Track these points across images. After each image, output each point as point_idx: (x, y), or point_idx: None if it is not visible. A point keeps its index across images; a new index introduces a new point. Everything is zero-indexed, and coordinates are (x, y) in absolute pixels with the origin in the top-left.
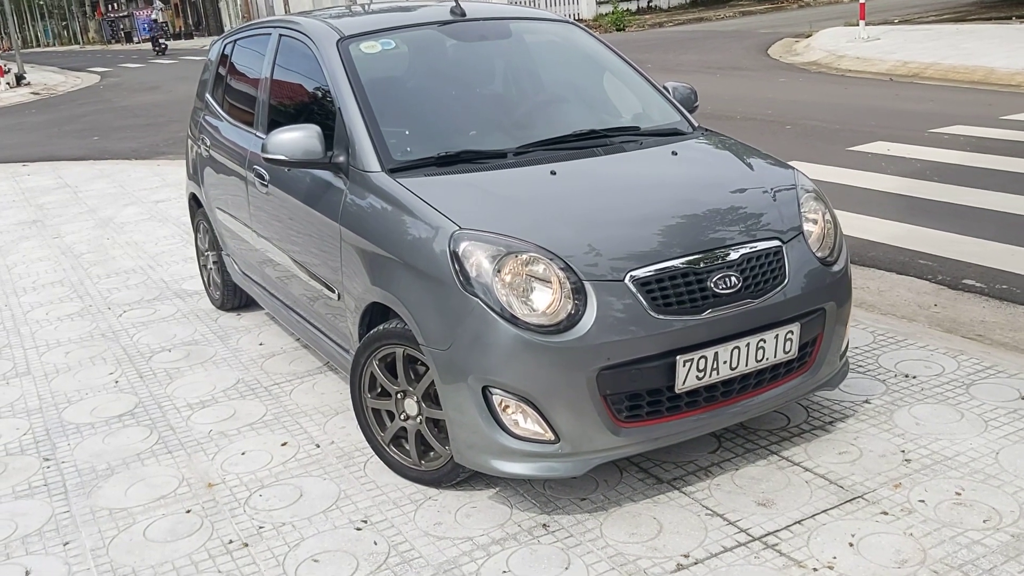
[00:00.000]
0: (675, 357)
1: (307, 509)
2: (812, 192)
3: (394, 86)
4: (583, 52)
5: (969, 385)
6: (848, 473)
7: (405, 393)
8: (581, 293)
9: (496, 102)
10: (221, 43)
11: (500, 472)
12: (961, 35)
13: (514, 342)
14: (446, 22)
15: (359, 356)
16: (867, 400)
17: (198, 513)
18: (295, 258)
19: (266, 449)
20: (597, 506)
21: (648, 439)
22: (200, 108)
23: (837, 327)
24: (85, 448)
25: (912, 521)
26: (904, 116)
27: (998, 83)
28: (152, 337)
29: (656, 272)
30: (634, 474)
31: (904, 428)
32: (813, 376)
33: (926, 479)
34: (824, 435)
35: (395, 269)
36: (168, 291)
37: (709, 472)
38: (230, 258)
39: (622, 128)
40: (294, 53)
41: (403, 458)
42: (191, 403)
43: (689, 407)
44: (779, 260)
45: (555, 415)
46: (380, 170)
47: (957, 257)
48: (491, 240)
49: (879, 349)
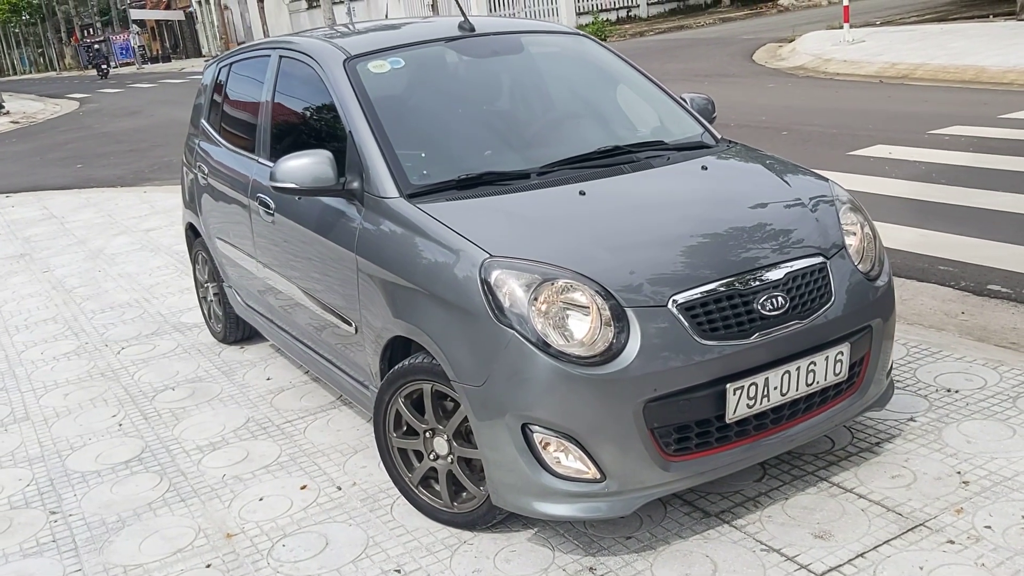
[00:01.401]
0: (725, 385)
1: (335, 559)
2: (849, 203)
3: (406, 107)
4: (597, 64)
5: (1016, 398)
6: (905, 499)
7: (434, 431)
8: (623, 320)
9: (514, 120)
10: (215, 67)
11: (542, 515)
12: (946, 35)
13: (555, 375)
14: (455, 38)
15: (383, 393)
16: (911, 418)
17: (219, 568)
18: (306, 289)
19: (285, 494)
20: (644, 545)
21: (698, 472)
22: (195, 134)
23: (884, 344)
24: (93, 499)
25: (982, 550)
26: (901, 118)
27: (990, 82)
28: (154, 375)
29: (701, 296)
30: (679, 507)
31: (956, 447)
32: (862, 397)
33: (988, 503)
34: (873, 457)
35: (420, 301)
36: (166, 325)
37: (758, 503)
38: (232, 289)
39: (647, 143)
40: (297, 75)
41: (434, 500)
42: (200, 446)
43: (739, 436)
44: (824, 277)
45: (600, 452)
46: (398, 195)
47: (978, 262)
48: (524, 268)
49: (915, 362)
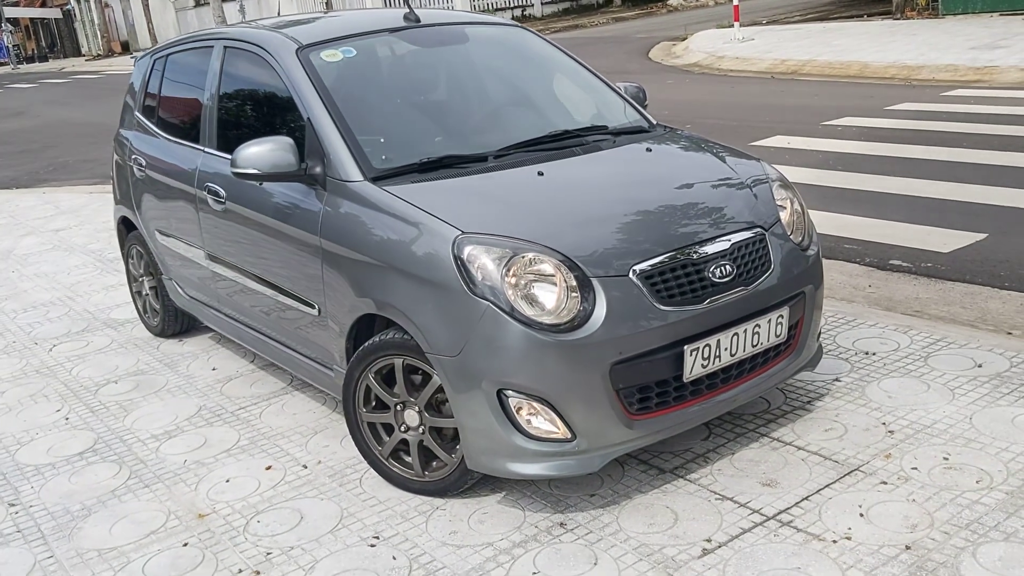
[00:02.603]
0: (683, 347)
1: (312, 531)
2: (779, 180)
3: (361, 94)
4: (538, 54)
5: (927, 357)
6: (839, 448)
7: (405, 404)
8: (589, 290)
9: (466, 107)
10: (150, 58)
11: (517, 474)
12: (829, 33)
13: (528, 342)
14: (402, 28)
15: (353, 370)
16: (837, 378)
17: (196, 545)
18: (261, 275)
19: (251, 474)
20: (609, 501)
21: (659, 430)
22: (127, 127)
23: (815, 310)
24: (52, 489)
25: (911, 488)
26: (795, 111)
27: (873, 76)
28: (92, 370)
29: (658, 264)
30: (636, 467)
31: (879, 402)
32: (797, 358)
33: (913, 448)
34: (806, 414)
35: (392, 278)
36: (96, 321)
37: (707, 458)
38: (172, 281)
39: (591, 128)
40: (245, 64)
41: (405, 471)
42: (155, 434)
43: (694, 395)
44: (764, 248)
45: (570, 412)
46: (362, 179)
47: (879, 240)
48: (495, 243)
49: (834, 330)
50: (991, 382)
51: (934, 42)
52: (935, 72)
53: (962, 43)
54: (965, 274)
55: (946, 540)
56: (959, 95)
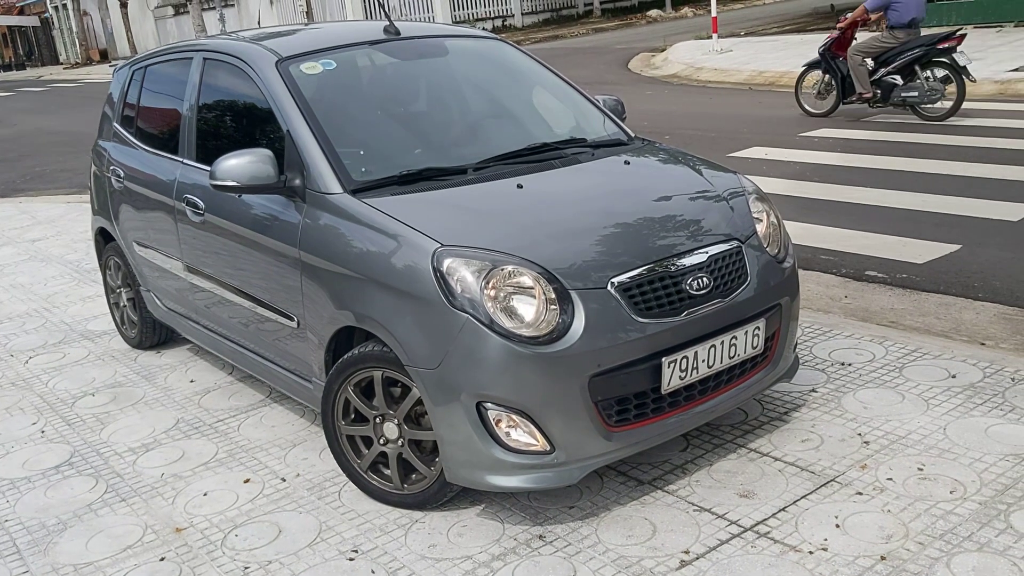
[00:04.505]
0: (661, 359)
1: (290, 544)
2: (755, 193)
3: (341, 106)
4: (517, 67)
5: (902, 368)
6: (815, 459)
7: (384, 417)
8: (568, 302)
9: (446, 119)
10: (128, 70)
11: (496, 487)
12: (806, 44)
13: (507, 355)
14: (381, 41)
15: (332, 383)
16: (813, 389)
17: (174, 560)
18: (239, 287)
19: (229, 488)
20: (587, 513)
21: (637, 441)
22: (105, 138)
23: (791, 322)
24: (27, 503)
25: (886, 498)
26: (772, 122)
27: None
28: (69, 382)
29: (636, 276)
30: (615, 478)
31: (854, 412)
32: (773, 369)
33: (888, 458)
34: (783, 425)
35: (371, 291)
36: (73, 333)
37: (685, 470)
38: (150, 293)
39: (570, 140)
40: (225, 76)
41: (383, 483)
42: (133, 447)
43: (671, 407)
44: (740, 260)
45: (550, 425)
46: (342, 191)
47: (855, 251)
48: (474, 255)
49: (811, 341)
50: (965, 392)
51: None
52: None
53: None
54: (940, 285)
55: (921, 550)
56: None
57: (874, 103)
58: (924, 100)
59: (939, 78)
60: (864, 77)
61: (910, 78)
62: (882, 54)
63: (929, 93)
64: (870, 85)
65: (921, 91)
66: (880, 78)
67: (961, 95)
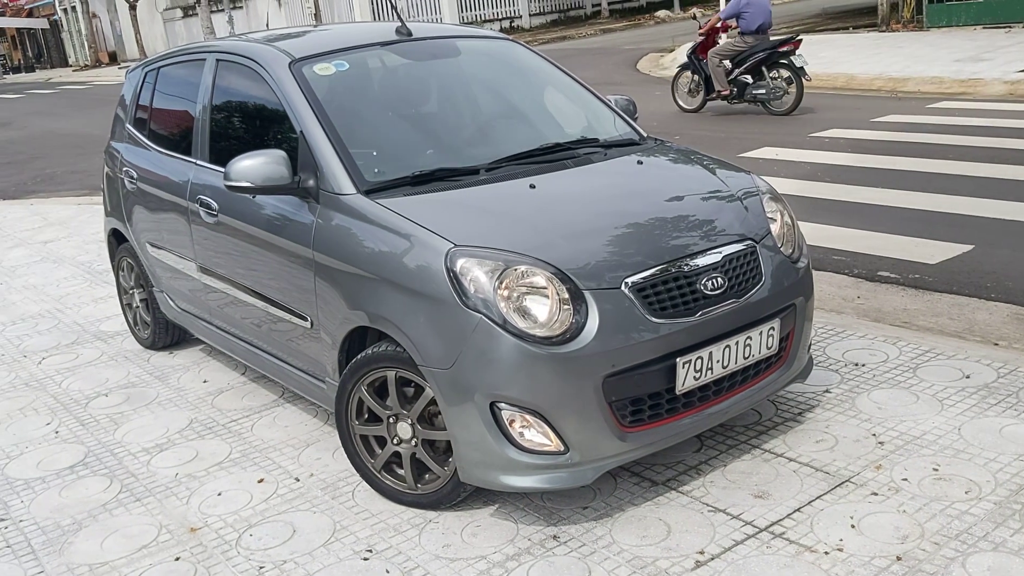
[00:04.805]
0: (675, 359)
1: (305, 544)
2: (769, 193)
3: (354, 107)
4: (529, 67)
5: (915, 368)
6: (830, 460)
7: (398, 417)
8: (581, 302)
9: (458, 120)
10: (141, 71)
11: (509, 487)
12: (815, 45)
13: (521, 355)
14: (394, 42)
15: (345, 383)
16: (827, 390)
17: (189, 560)
18: (253, 287)
19: (243, 488)
20: (601, 513)
21: (651, 442)
22: (118, 139)
23: (805, 322)
24: (42, 503)
25: (902, 499)
26: (782, 123)
27: (859, 88)
28: (82, 383)
29: (650, 277)
30: (628, 479)
31: (869, 413)
32: (788, 370)
33: (903, 459)
34: (797, 426)
35: (385, 291)
36: (86, 334)
37: (699, 471)
38: (163, 294)
39: (582, 140)
40: (238, 78)
41: (397, 483)
42: (147, 447)
43: (686, 407)
44: (755, 260)
45: (563, 425)
46: (355, 192)
47: (867, 251)
48: (487, 255)
49: (824, 342)
50: (979, 393)
51: (919, 54)
52: (921, 84)
53: (947, 56)
54: (953, 285)
55: (936, 551)
56: (944, 107)
57: (732, 100)
58: (771, 97)
59: (784, 78)
60: (722, 77)
61: (759, 78)
62: (736, 56)
63: (774, 91)
64: (728, 84)
65: (768, 89)
66: (735, 77)
67: (800, 92)
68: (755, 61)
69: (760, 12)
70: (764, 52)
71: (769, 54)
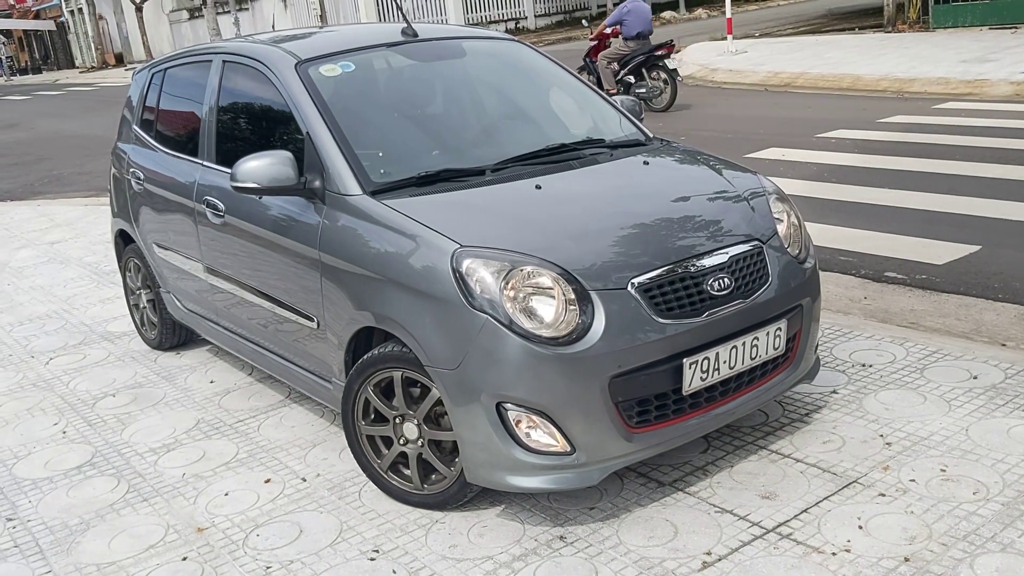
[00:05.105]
0: (682, 360)
1: (312, 544)
2: (776, 193)
3: (360, 108)
4: (535, 68)
5: (923, 369)
6: (837, 460)
7: (404, 417)
8: (587, 303)
9: (464, 121)
10: (148, 72)
11: (516, 487)
12: (821, 45)
13: (527, 356)
14: (400, 43)
15: (352, 383)
16: (834, 391)
17: (196, 559)
18: (259, 288)
19: (250, 488)
20: (608, 514)
21: (658, 443)
22: (125, 140)
23: (812, 322)
24: (49, 503)
25: (909, 500)
26: (789, 123)
27: (865, 89)
28: (90, 383)
29: (656, 277)
30: (635, 480)
31: (876, 414)
32: (795, 370)
33: (910, 460)
34: (804, 426)
35: (391, 291)
36: (93, 334)
37: (706, 471)
38: (170, 294)
39: (589, 141)
40: (244, 79)
41: (403, 484)
42: (154, 448)
43: (692, 408)
44: (762, 260)
45: (570, 426)
46: (361, 193)
47: (874, 252)
48: (493, 256)
49: (831, 342)
50: (986, 394)
51: (925, 55)
52: (927, 85)
53: (953, 56)
54: (960, 286)
55: (944, 551)
56: (951, 108)
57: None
58: (650, 96)
59: (661, 79)
60: (610, 77)
61: (640, 79)
62: (622, 59)
63: (652, 90)
64: (616, 83)
65: (647, 88)
66: (621, 78)
67: (674, 91)
68: (636, 64)
69: (639, 20)
70: (642, 56)
71: (647, 57)
